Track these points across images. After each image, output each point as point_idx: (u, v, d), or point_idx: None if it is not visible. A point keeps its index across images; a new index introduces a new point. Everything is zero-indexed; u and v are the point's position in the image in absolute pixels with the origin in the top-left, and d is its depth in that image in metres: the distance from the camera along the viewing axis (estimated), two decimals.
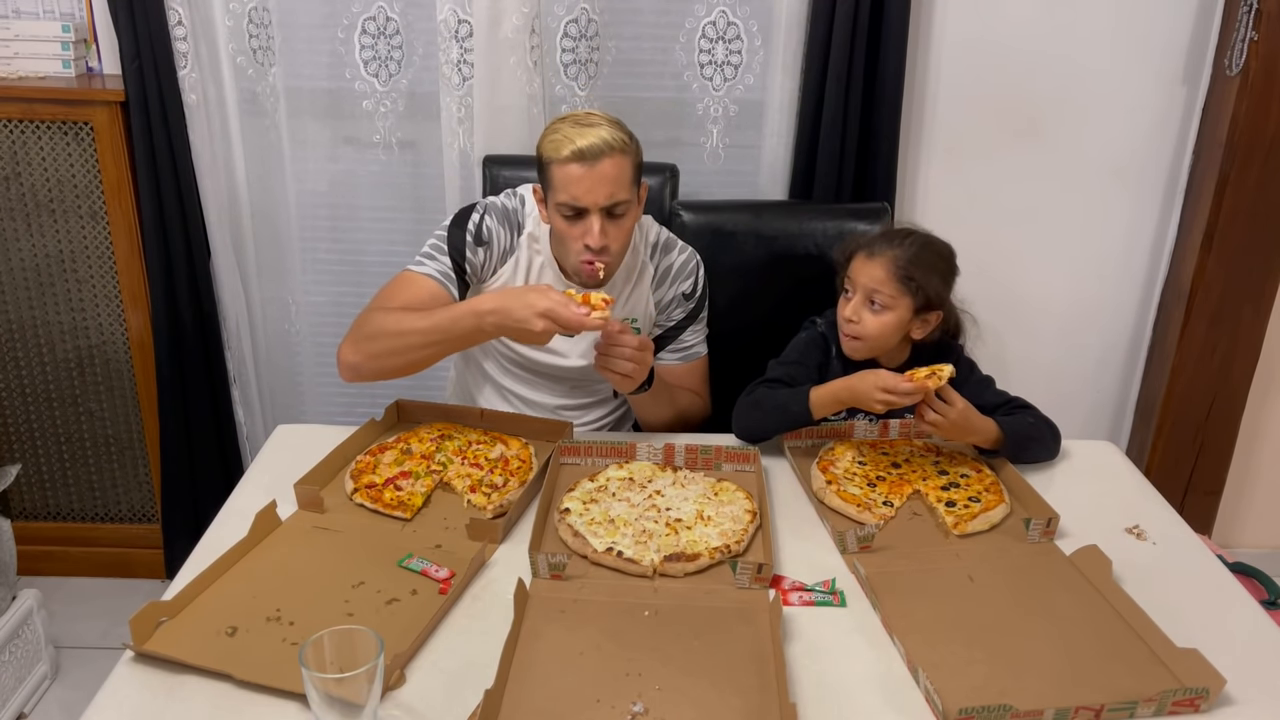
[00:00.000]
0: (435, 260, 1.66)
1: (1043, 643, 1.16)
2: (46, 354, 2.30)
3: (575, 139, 1.50)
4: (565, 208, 1.54)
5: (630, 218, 1.59)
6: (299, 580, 1.24)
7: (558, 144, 1.51)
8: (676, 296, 1.76)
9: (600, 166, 1.50)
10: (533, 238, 1.69)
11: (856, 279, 1.60)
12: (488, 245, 1.67)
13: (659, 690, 1.07)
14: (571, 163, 1.50)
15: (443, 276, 1.65)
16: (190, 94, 2.12)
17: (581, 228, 1.55)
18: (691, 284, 1.76)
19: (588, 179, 1.50)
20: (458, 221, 1.68)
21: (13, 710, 2.04)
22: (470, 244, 1.66)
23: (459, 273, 1.66)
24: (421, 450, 1.54)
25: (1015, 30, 2.19)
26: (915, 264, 1.57)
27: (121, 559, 2.49)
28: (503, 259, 1.69)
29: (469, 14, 2.07)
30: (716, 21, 2.16)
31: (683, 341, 1.78)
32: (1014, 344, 2.44)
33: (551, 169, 1.53)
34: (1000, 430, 1.52)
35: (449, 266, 1.66)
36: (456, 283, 1.66)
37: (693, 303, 1.76)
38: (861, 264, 1.60)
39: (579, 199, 1.52)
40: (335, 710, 0.96)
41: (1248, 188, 2.17)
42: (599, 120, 1.53)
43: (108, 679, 1.09)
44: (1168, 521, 1.46)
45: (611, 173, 1.51)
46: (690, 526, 1.35)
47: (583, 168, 1.50)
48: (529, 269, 1.70)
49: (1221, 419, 2.40)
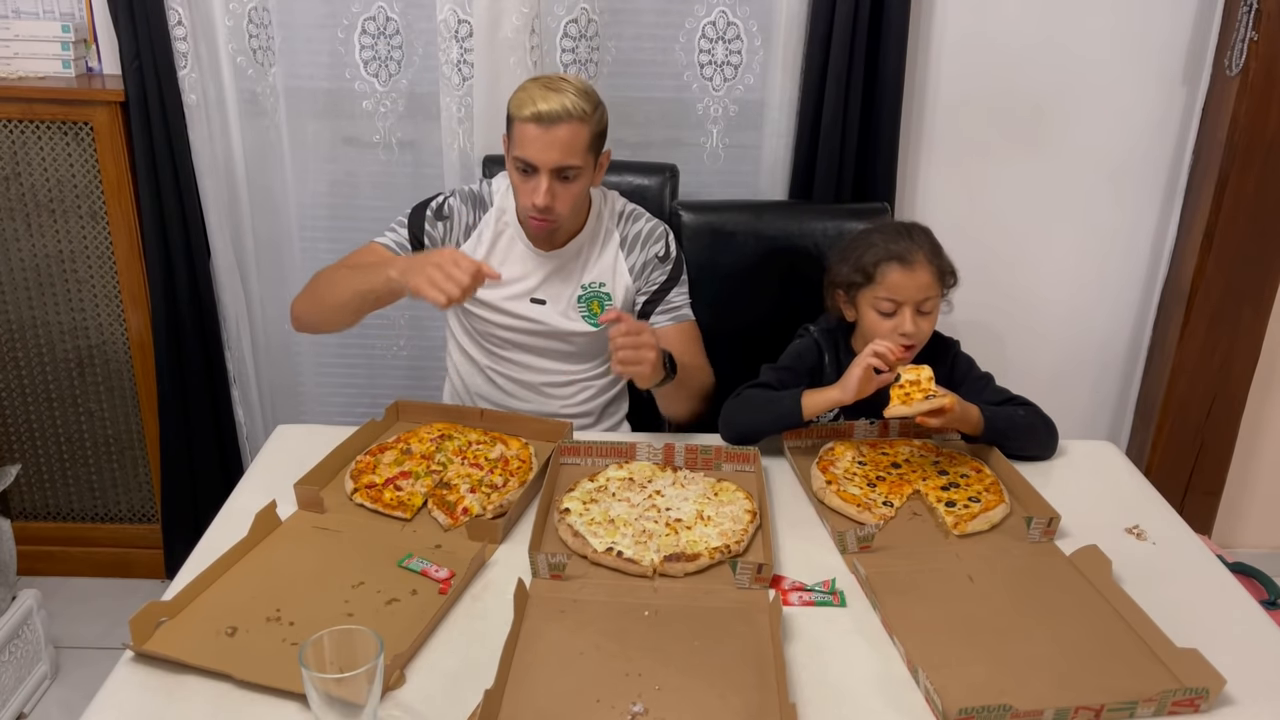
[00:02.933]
0: (394, 232, 1.79)
1: (1043, 643, 1.16)
2: (46, 354, 2.30)
3: (538, 101, 1.58)
4: (519, 162, 1.62)
5: (580, 182, 1.66)
6: (299, 580, 1.24)
7: (522, 102, 1.60)
8: (651, 260, 1.79)
9: (556, 130, 1.57)
10: (500, 211, 1.77)
11: (901, 294, 1.57)
12: (448, 220, 1.78)
13: (659, 690, 1.07)
14: (530, 123, 1.58)
15: (396, 245, 1.77)
16: (190, 94, 2.12)
17: (532, 185, 1.63)
18: (663, 246, 1.80)
19: (541, 140, 1.58)
20: (420, 203, 1.80)
21: (13, 710, 2.04)
22: (430, 218, 1.78)
23: (416, 245, 1.77)
24: (421, 450, 1.54)
25: (1015, 30, 2.19)
26: (938, 255, 1.60)
27: (121, 559, 2.49)
28: (465, 233, 1.79)
29: (469, 14, 2.07)
30: (716, 21, 2.16)
31: (670, 303, 1.80)
32: (1014, 344, 2.44)
33: (514, 124, 1.62)
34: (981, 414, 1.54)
35: (405, 238, 1.78)
36: (410, 253, 1.75)
37: (670, 264, 1.80)
38: (904, 277, 1.56)
39: (531, 158, 1.60)
40: (335, 710, 0.96)
41: (1248, 188, 2.17)
42: (567, 86, 1.60)
43: (108, 679, 1.09)
44: (1168, 521, 1.46)
45: (565, 138, 1.58)
46: (690, 526, 1.35)
47: (539, 129, 1.58)
48: (494, 241, 1.78)
49: (1221, 419, 2.40)
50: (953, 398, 1.48)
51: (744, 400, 1.62)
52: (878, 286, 1.59)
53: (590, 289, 1.77)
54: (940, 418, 1.48)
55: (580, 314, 1.78)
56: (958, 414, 1.51)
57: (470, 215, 1.78)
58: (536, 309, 1.77)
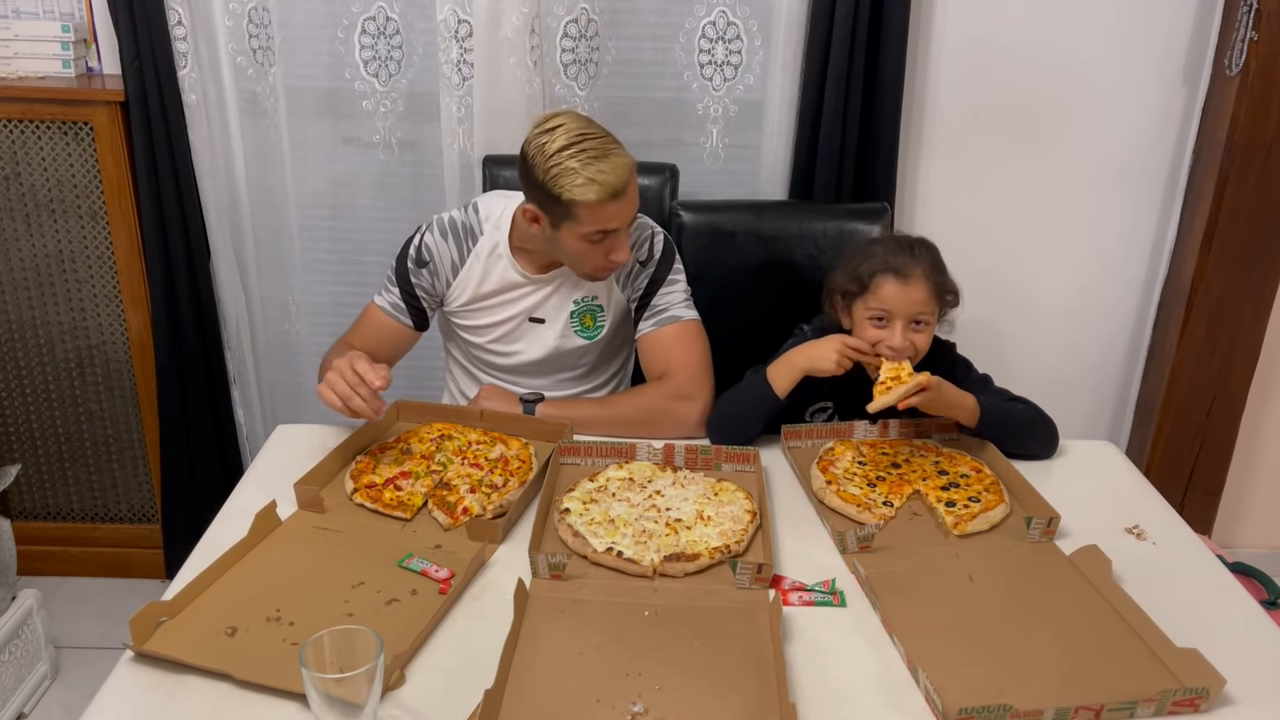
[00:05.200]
0: (390, 292, 1.76)
1: (1043, 643, 1.15)
2: (46, 354, 2.30)
3: (599, 178, 1.50)
4: (597, 235, 1.56)
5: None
6: (299, 580, 1.24)
7: (584, 187, 1.50)
8: (634, 266, 1.75)
9: (629, 193, 1.55)
10: (494, 243, 1.73)
11: (893, 308, 1.56)
12: (429, 264, 1.74)
13: (659, 690, 1.07)
14: (608, 203, 1.52)
15: (394, 309, 1.75)
16: (190, 94, 2.12)
17: (607, 246, 1.59)
18: (646, 249, 1.75)
19: (622, 209, 1.55)
20: (402, 250, 1.76)
21: (13, 710, 2.04)
22: (413, 269, 1.74)
23: (411, 299, 1.75)
24: (421, 450, 1.54)
25: (1015, 30, 2.19)
26: (939, 272, 1.59)
27: (121, 559, 2.49)
28: (453, 271, 1.75)
29: (469, 14, 2.07)
30: (716, 21, 2.16)
31: (654, 307, 1.75)
32: (1014, 344, 2.44)
33: (577, 208, 1.52)
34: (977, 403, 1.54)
35: (398, 296, 1.75)
36: (409, 311, 1.76)
37: (652, 266, 1.75)
38: (898, 290, 1.56)
39: (614, 226, 1.56)
40: (335, 710, 0.96)
41: (1248, 188, 2.17)
42: (610, 146, 1.53)
43: (108, 679, 1.09)
44: (1168, 521, 1.46)
45: (634, 192, 1.57)
46: (690, 526, 1.35)
47: (618, 204, 1.53)
48: (485, 275, 1.74)
49: (1221, 419, 2.40)
50: (927, 375, 1.49)
51: (719, 416, 1.63)
52: (870, 297, 1.58)
53: (582, 303, 1.76)
54: (925, 395, 1.49)
55: (574, 329, 1.77)
56: (946, 395, 1.51)
57: (454, 251, 1.73)
58: (535, 330, 1.76)
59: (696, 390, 1.67)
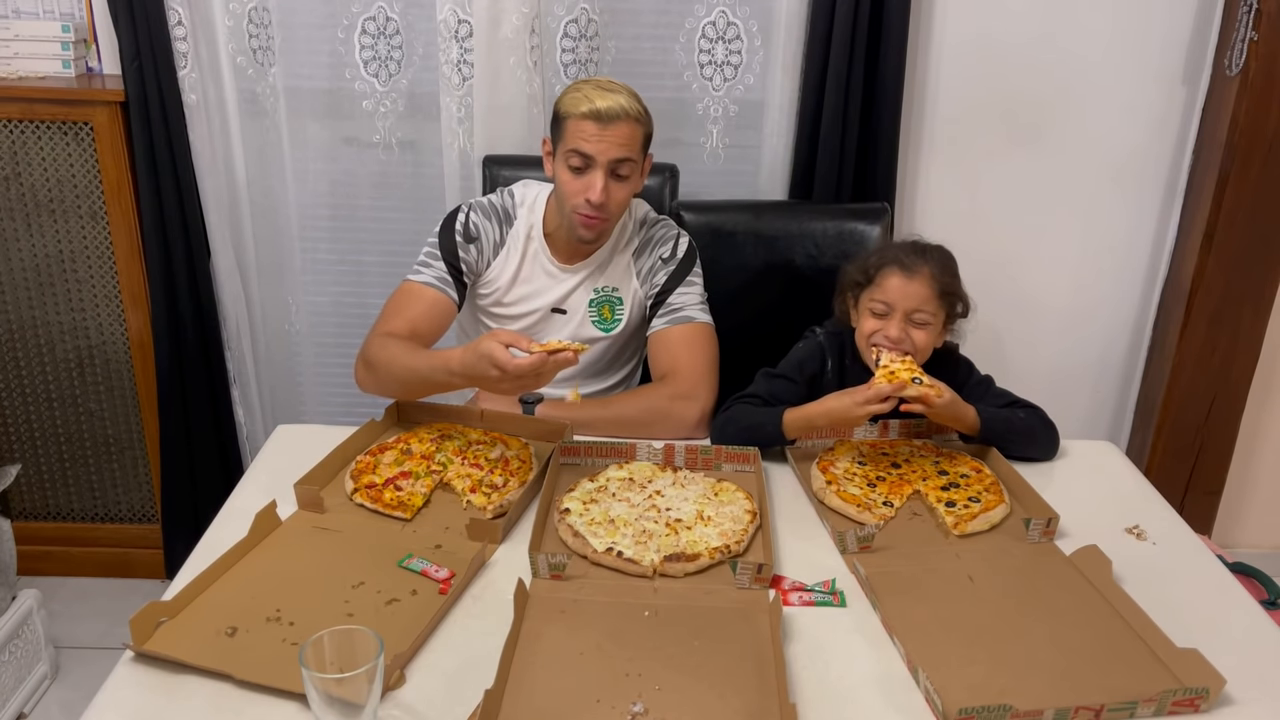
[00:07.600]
0: (431, 267, 1.74)
1: (1043, 643, 1.15)
2: (46, 354, 2.30)
3: (595, 99, 1.60)
4: (574, 155, 1.62)
5: (631, 184, 1.68)
6: (299, 580, 1.24)
7: (577, 100, 1.61)
8: (656, 262, 1.79)
9: (614, 127, 1.60)
10: (528, 226, 1.77)
11: (894, 300, 1.57)
12: (477, 241, 1.76)
13: (659, 690, 1.07)
14: (588, 120, 1.60)
15: (440, 282, 1.73)
16: (190, 94, 2.12)
17: (585, 182, 1.63)
18: (670, 248, 1.80)
19: (599, 135, 1.60)
20: (446, 225, 1.77)
21: (13, 710, 2.04)
22: (461, 243, 1.75)
23: (456, 274, 1.74)
24: (421, 450, 1.54)
25: (1015, 30, 2.19)
26: (948, 275, 1.59)
27: (121, 559, 2.49)
28: (494, 251, 1.77)
29: (469, 14, 2.07)
30: (716, 21, 2.16)
31: (669, 305, 1.77)
32: (1014, 344, 2.44)
33: (567, 123, 1.62)
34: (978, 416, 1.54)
35: (444, 270, 1.74)
36: (454, 284, 1.74)
37: (673, 264, 1.79)
38: (900, 284, 1.57)
39: (589, 151, 1.61)
40: (335, 710, 0.96)
41: (1248, 188, 2.17)
42: (620, 88, 1.64)
43: (108, 679, 1.09)
44: (1168, 521, 1.46)
45: (624, 135, 1.61)
46: (690, 527, 1.35)
47: (598, 126, 1.60)
48: (521, 260, 1.77)
49: (1221, 419, 2.40)
50: (940, 388, 1.49)
51: (730, 417, 1.61)
52: (874, 289, 1.60)
53: (602, 293, 1.78)
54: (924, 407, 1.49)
55: (591, 319, 1.78)
56: (950, 411, 1.51)
57: (496, 231, 1.77)
58: (556, 321, 1.78)
59: (699, 391, 1.68)
